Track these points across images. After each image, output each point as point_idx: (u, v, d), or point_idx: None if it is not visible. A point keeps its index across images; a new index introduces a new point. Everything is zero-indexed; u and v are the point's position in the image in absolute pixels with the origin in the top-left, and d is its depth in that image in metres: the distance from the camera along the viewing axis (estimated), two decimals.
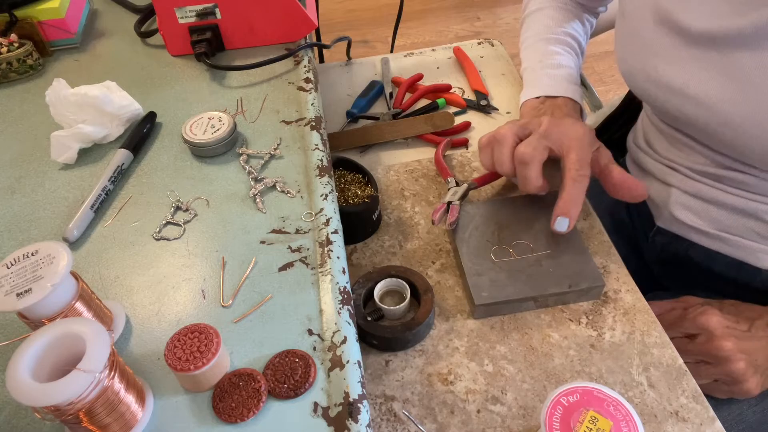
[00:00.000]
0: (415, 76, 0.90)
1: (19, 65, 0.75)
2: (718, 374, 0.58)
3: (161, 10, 0.74)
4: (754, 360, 0.57)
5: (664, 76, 0.59)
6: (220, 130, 0.62)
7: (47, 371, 0.37)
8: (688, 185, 0.66)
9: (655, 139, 0.71)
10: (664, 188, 0.70)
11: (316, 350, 0.46)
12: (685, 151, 0.65)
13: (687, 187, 0.66)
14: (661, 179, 0.70)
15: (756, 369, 0.57)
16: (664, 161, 0.69)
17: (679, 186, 0.67)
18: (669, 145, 0.68)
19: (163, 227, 0.56)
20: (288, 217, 0.56)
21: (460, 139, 0.80)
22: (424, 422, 0.53)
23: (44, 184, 0.61)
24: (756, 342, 0.57)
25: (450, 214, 0.65)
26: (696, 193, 0.65)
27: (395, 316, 0.59)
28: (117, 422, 0.39)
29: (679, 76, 0.57)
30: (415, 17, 2.49)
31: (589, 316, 0.59)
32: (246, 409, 0.42)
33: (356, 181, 0.69)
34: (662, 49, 0.58)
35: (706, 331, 0.58)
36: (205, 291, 0.50)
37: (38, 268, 0.41)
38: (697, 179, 0.65)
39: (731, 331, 0.58)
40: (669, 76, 0.58)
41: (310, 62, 0.75)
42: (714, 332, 0.57)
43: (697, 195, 0.65)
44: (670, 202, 0.68)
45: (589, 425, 0.42)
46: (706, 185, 0.64)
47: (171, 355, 0.41)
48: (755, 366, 0.57)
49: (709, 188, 0.63)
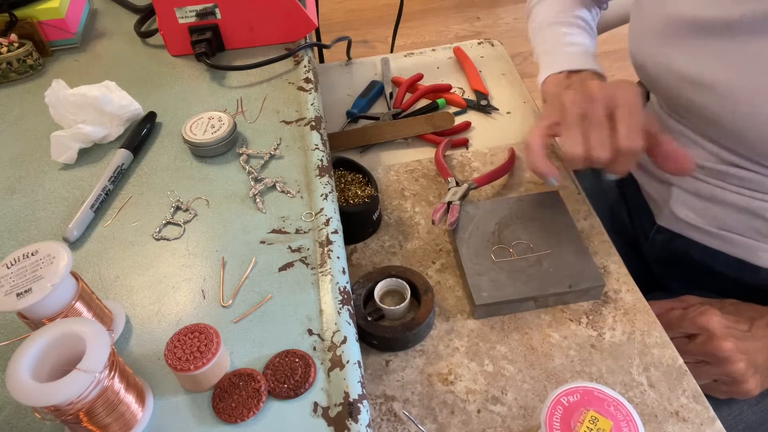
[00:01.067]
0: (415, 76, 0.90)
1: (19, 65, 0.75)
2: (718, 374, 0.58)
3: (161, 10, 0.73)
4: (754, 360, 0.57)
5: (677, 65, 0.58)
6: (220, 130, 0.62)
7: (47, 371, 0.37)
8: (689, 183, 0.66)
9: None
10: (664, 186, 0.70)
11: (316, 350, 0.46)
12: (689, 147, 0.65)
13: (688, 185, 0.66)
14: (661, 177, 0.70)
15: (756, 369, 0.57)
16: None
17: (680, 184, 0.67)
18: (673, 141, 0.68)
19: (163, 227, 0.56)
20: (288, 217, 0.56)
21: (460, 139, 0.80)
22: (424, 422, 0.53)
23: (44, 184, 0.61)
24: (756, 342, 0.57)
25: (450, 214, 0.65)
26: (697, 191, 0.65)
27: (395, 316, 0.59)
28: (117, 422, 0.39)
29: (692, 65, 0.57)
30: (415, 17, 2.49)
31: (589, 316, 0.59)
32: (246, 409, 0.42)
33: (356, 181, 0.69)
34: (676, 39, 0.58)
35: (706, 332, 0.58)
36: (205, 291, 0.50)
37: (38, 268, 0.41)
38: (698, 177, 0.64)
39: (731, 331, 0.57)
40: (682, 65, 0.58)
41: (310, 62, 0.75)
42: (714, 332, 0.57)
43: (698, 193, 0.65)
44: (670, 201, 0.68)
45: (590, 425, 0.42)
46: (707, 183, 0.64)
47: (171, 355, 0.41)
48: (755, 366, 0.57)
49: (711, 186, 0.63)
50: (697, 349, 0.58)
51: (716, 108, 0.56)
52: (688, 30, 0.57)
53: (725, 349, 0.56)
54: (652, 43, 0.61)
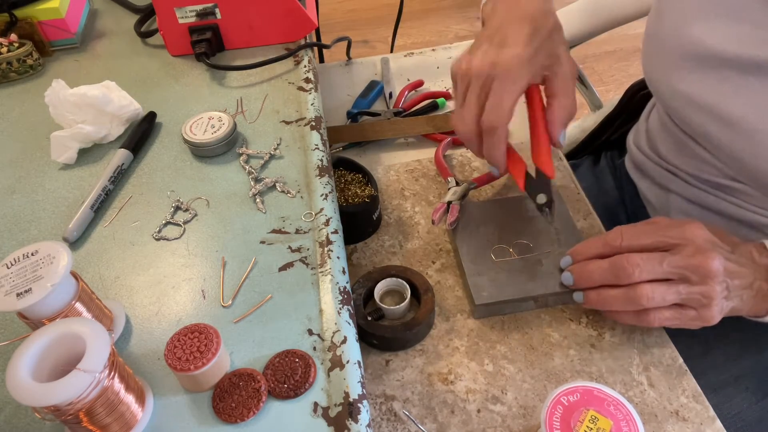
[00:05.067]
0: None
1: (19, 65, 0.75)
2: (693, 293, 0.51)
3: (161, 10, 0.74)
4: (731, 283, 0.52)
5: (696, 94, 0.56)
6: (220, 130, 0.62)
7: (47, 371, 0.37)
8: (688, 192, 0.65)
9: (662, 142, 0.70)
10: (663, 193, 0.69)
11: (316, 350, 0.46)
12: (693, 158, 0.64)
13: (687, 194, 0.66)
14: (660, 184, 0.70)
15: (728, 294, 0.52)
16: (666, 166, 0.69)
17: (680, 192, 0.67)
18: (677, 151, 0.67)
19: (163, 227, 0.56)
20: (288, 217, 0.56)
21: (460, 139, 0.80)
22: (424, 422, 0.53)
23: (44, 184, 0.61)
24: (736, 266, 0.52)
25: (450, 214, 0.65)
26: (696, 200, 0.64)
27: (395, 315, 0.59)
28: (117, 422, 0.39)
29: (711, 96, 0.55)
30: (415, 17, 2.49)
31: (589, 316, 0.59)
32: (246, 409, 0.42)
33: (356, 180, 0.69)
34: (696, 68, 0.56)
35: (693, 244, 0.51)
36: (205, 291, 0.50)
37: (38, 268, 0.41)
38: (699, 187, 0.64)
39: (718, 249, 0.52)
40: (701, 94, 0.56)
41: (310, 62, 0.75)
42: (703, 245, 0.51)
43: (697, 202, 0.64)
44: (669, 208, 0.68)
45: (590, 425, 0.42)
46: (707, 193, 0.63)
47: (171, 355, 0.41)
48: (728, 290, 0.52)
49: (711, 197, 0.63)
50: (684, 261, 0.51)
51: (732, 141, 0.54)
52: (711, 62, 0.54)
53: (714, 265, 0.50)
54: (670, 69, 0.59)
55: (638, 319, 0.53)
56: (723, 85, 0.54)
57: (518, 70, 0.53)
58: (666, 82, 0.60)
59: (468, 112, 0.56)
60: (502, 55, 0.54)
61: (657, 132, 0.71)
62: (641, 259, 0.51)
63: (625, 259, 0.52)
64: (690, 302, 0.51)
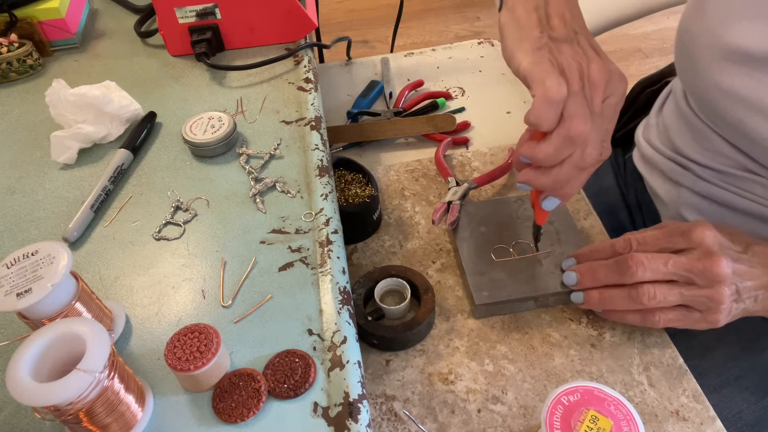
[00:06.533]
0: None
1: (19, 65, 0.75)
2: (698, 296, 0.51)
3: (161, 10, 0.74)
4: (742, 285, 0.51)
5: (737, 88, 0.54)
6: (220, 130, 0.62)
7: (47, 371, 0.37)
8: (699, 186, 0.65)
9: (678, 134, 0.68)
10: (673, 187, 0.69)
11: (316, 350, 0.46)
12: (709, 149, 0.63)
13: (698, 188, 0.65)
14: (671, 178, 0.69)
15: (738, 297, 0.52)
16: (679, 159, 0.68)
17: (690, 186, 0.66)
18: (693, 141, 0.66)
19: (163, 227, 0.56)
20: (288, 217, 0.56)
21: (460, 138, 0.80)
22: (424, 422, 0.53)
23: (44, 184, 0.61)
24: (748, 266, 0.52)
25: (450, 214, 0.65)
26: (707, 194, 0.64)
27: (395, 315, 0.59)
28: (117, 422, 0.39)
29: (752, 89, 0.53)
30: (415, 17, 2.49)
31: (589, 316, 0.59)
32: (246, 409, 0.42)
33: (356, 180, 0.69)
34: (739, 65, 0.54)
35: (701, 247, 0.51)
36: (205, 291, 0.50)
37: (38, 268, 0.41)
38: (710, 180, 0.63)
39: (728, 251, 0.51)
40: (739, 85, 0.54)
41: (310, 62, 0.75)
42: (711, 248, 0.51)
43: (708, 196, 0.64)
44: (679, 203, 0.68)
45: (590, 425, 0.42)
46: (718, 187, 0.63)
47: (171, 355, 0.41)
48: (739, 293, 0.52)
49: (722, 191, 0.62)
50: (689, 264, 0.51)
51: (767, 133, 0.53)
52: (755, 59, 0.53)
53: (721, 269, 0.50)
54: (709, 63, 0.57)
55: (644, 319, 0.53)
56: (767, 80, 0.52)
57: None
58: (703, 74, 0.58)
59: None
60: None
61: (672, 124, 0.70)
62: (646, 258, 0.51)
63: (629, 257, 0.52)
64: (695, 305, 0.51)
